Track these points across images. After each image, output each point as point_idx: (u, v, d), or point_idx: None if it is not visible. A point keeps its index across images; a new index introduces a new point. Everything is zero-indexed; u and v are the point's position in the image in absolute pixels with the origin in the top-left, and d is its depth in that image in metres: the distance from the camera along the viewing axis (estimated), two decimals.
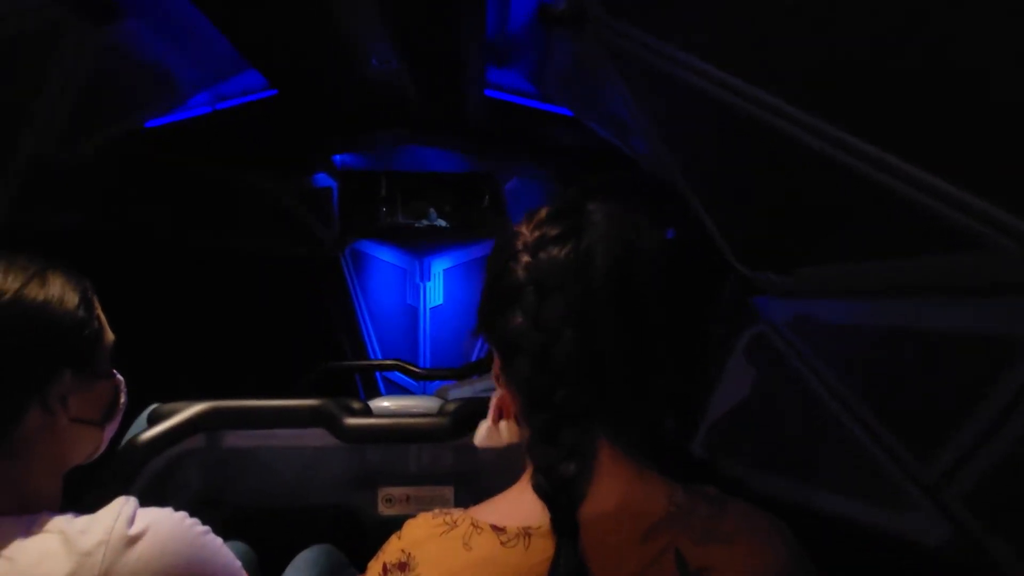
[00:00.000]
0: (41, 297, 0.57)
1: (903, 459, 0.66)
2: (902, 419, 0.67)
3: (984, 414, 0.56)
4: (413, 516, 0.54)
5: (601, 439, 0.51)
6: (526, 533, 0.48)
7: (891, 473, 0.67)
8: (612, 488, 0.49)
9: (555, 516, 0.47)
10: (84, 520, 0.57)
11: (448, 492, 1.02)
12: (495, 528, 0.50)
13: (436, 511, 0.54)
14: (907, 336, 0.67)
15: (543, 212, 0.54)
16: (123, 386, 0.68)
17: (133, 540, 0.56)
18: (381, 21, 1.38)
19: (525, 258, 0.51)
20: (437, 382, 2.46)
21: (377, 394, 3.11)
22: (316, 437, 1.05)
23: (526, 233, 0.53)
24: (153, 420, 1.02)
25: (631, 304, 0.50)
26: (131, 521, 0.57)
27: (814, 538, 0.56)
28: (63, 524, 0.56)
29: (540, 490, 0.48)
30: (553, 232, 0.51)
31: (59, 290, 0.59)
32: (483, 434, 0.57)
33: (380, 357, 3.10)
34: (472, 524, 0.51)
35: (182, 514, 0.62)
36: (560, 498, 0.47)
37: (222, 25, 1.33)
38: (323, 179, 2.89)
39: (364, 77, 1.84)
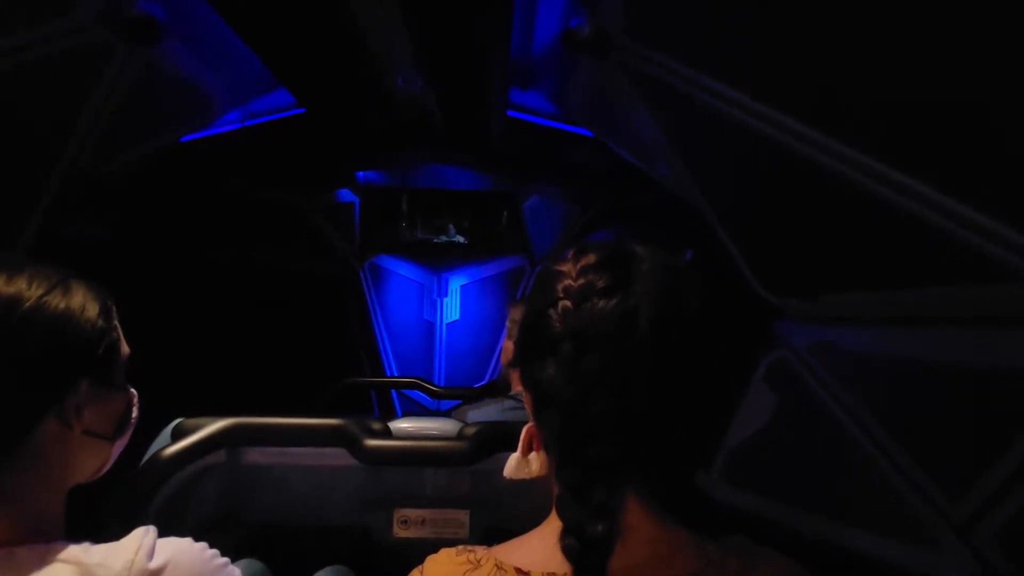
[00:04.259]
0: (63, 305, 0.57)
1: (932, 496, 0.64)
2: (931, 454, 0.65)
3: (1017, 450, 0.54)
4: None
5: (630, 494, 0.49)
6: None
7: (919, 510, 0.65)
8: (639, 543, 0.48)
9: (582, 575, 0.46)
10: (102, 551, 0.56)
11: (464, 516, 1.01)
12: (519, 571, 0.49)
13: (459, 548, 0.53)
14: (935, 367, 0.65)
15: (591, 256, 0.51)
16: (136, 400, 0.67)
17: (154, 575, 0.55)
18: (408, 43, 1.42)
19: (566, 304, 0.49)
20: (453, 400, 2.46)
21: (392, 407, 3.12)
22: (334, 456, 1.05)
23: (571, 276, 0.50)
24: (177, 435, 1.03)
25: (670, 363, 0.48)
26: (151, 554, 0.56)
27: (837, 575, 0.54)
28: (80, 554, 0.54)
29: (569, 551, 0.46)
30: (600, 283, 0.48)
31: (81, 300, 0.59)
32: (513, 466, 0.55)
33: (396, 370, 3.12)
34: (496, 565, 0.50)
35: (202, 545, 0.61)
36: (589, 559, 0.45)
37: (256, 46, 1.38)
38: (346, 194, 2.94)
39: (389, 96, 1.88)
